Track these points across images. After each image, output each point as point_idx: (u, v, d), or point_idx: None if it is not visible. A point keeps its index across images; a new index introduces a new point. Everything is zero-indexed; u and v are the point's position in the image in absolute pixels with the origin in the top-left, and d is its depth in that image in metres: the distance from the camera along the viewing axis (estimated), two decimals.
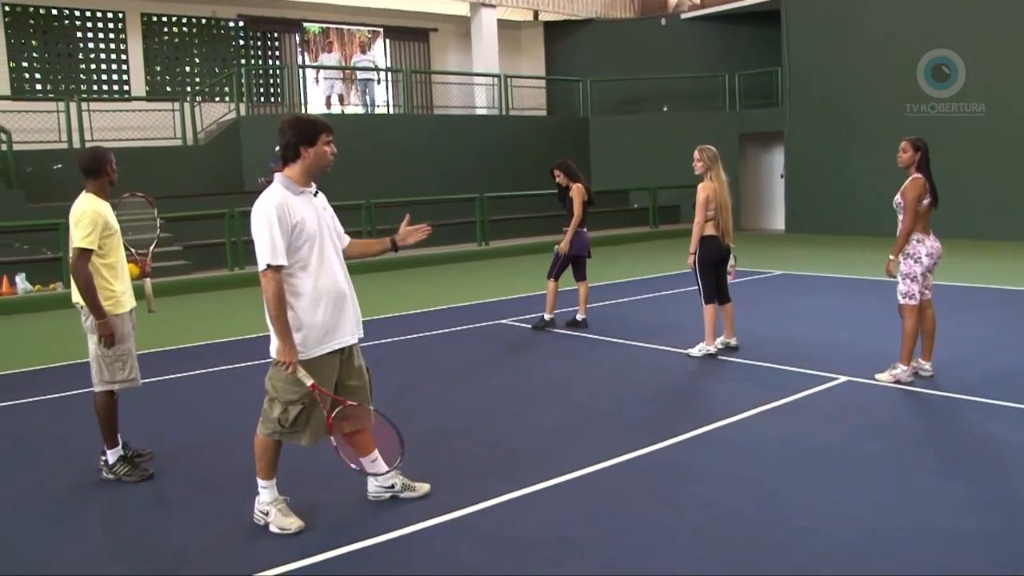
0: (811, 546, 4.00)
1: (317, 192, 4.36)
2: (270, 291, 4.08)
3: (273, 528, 4.33)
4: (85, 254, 4.99)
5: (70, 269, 5.06)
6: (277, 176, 4.27)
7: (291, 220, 4.11)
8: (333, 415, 4.25)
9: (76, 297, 5.15)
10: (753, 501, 4.56)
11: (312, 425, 4.32)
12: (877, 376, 6.84)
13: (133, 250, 5.72)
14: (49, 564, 4.12)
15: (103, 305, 5.07)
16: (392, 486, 4.70)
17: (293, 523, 4.33)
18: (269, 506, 4.38)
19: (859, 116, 19.18)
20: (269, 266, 4.08)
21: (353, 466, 4.45)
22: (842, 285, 12.24)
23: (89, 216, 5.01)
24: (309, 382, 4.17)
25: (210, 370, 8.10)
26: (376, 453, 4.64)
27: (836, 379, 6.94)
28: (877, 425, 5.81)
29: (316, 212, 4.27)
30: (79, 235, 4.98)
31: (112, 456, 5.21)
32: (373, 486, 4.71)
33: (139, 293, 5.50)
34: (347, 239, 4.57)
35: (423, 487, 4.77)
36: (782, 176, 21.52)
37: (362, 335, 4.51)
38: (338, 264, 4.37)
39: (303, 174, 4.26)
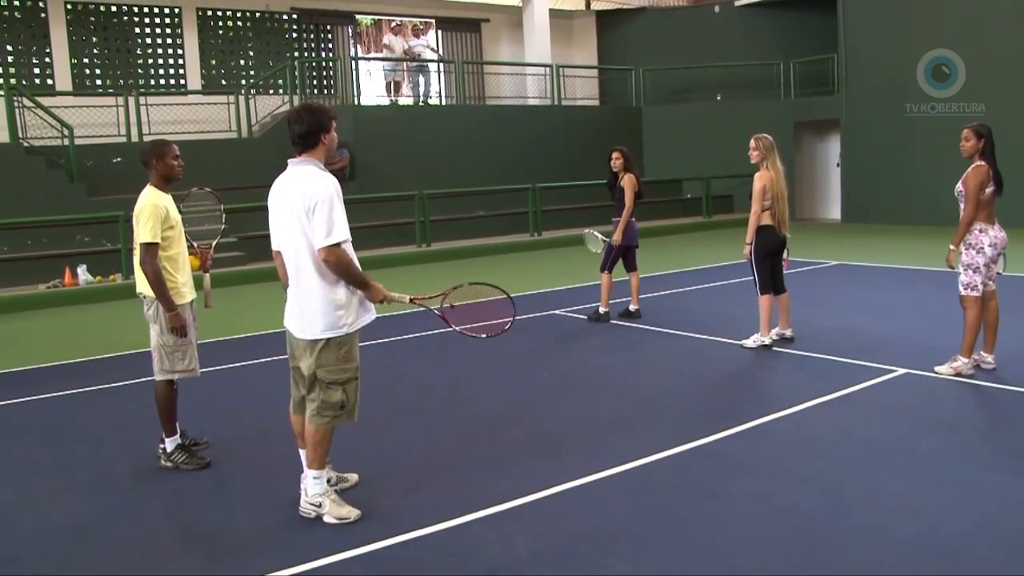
0: (871, 542, 3.93)
1: None
2: (344, 261, 4.19)
3: (330, 519, 4.35)
4: (152, 248, 5.06)
5: (139, 264, 5.12)
6: (308, 160, 4.30)
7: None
8: (443, 307, 4.63)
9: (140, 287, 5.26)
10: (810, 495, 4.49)
11: (359, 400, 4.46)
12: (937, 369, 6.70)
13: (196, 243, 5.76)
14: (116, 548, 4.21)
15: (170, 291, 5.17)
16: (329, 480, 4.60)
17: (351, 512, 4.37)
18: (322, 498, 4.41)
19: (918, 102, 18.74)
20: (339, 243, 4.16)
21: (473, 335, 4.76)
22: (901, 276, 12.01)
23: (148, 210, 5.07)
24: (408, 298, 4.49)
25: (265, 360, 8.19)
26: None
27: (894, 371, 6.81)
28: (937, 419, 5.69)
29: None
30: (143, 230, 5.05)
31: (170, 444, 5.30)
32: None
33: (198, 285, 5.58)
34: None
35: (352, 477, 4.82)
36: (838, 165, 21.16)
37: None
38: None
39: (324, 159, 4.36)
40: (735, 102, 22.68)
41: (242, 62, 20.51)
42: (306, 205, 4.15)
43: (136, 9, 19.09)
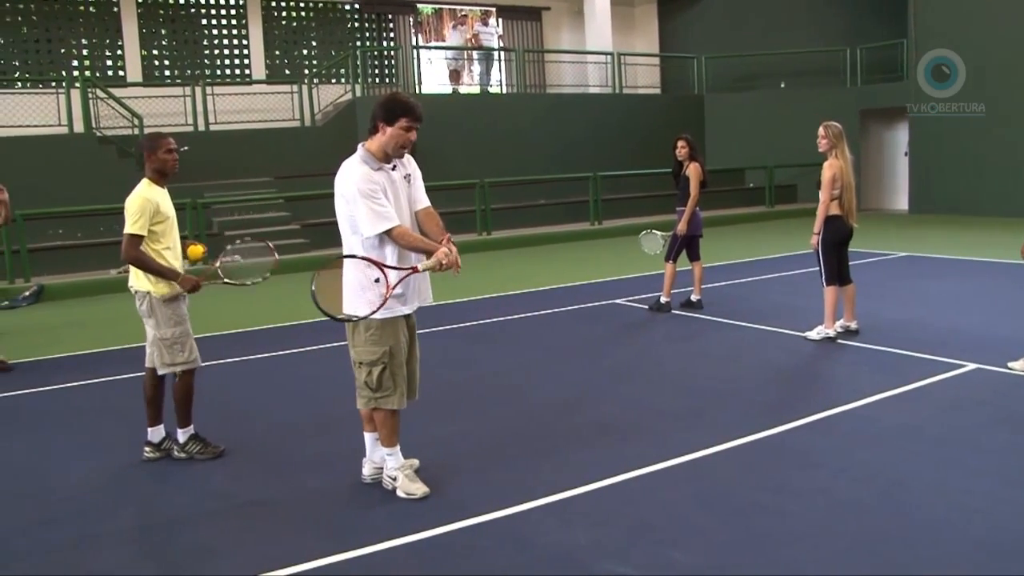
0: (939, 540, 3.85)
1: (396, 166, 4.45)
2: (403, 239, 4.26)
3: (400, 493, 4.50)
4: (134, 240, 5.03)
5: (122, 256, 5.10)
6: (361, 148, 4.39)
7: (377, 186, 4.28)
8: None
9: (131, 282, 5.24)
10: (875, 490, 4.41)
11: (399, 386, 4.48)
12: (1010, 364, 6.52)
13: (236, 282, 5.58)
14: (180, 524, 4.32)
15: (158, 284, 5.12)
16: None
17: (419, 488, 4.50)
18: (397, 471, 4.56)
19: (993, 88, 18.22)
20: (385, 231, 4.23)
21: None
22: (971, 268, 11.71)
23: (137, 203, 5.05)
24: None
25: (327, 346, 8.27)
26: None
27: (964, 366, 6.65)
28: (1010, 416, 5.54)
29: (393, 187, 4.39)
30: (128, 222, 5.04)
31: (183, 435, 5.31)
32: (372, 468, 4.76)
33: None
34: (424, 204, 4.58)
35: (413, 462, 4.74)
36: (906, 154, 20.67)
37: (430, 300, 4.67)
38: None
39: (380, 149, 4.37)
40: (799, 90, 22.29)
41: (305, 52, 20.75)
42: (338, 197, 4.34)
43: (203, 1, 19.43)
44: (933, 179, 19.51)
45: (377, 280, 4.27)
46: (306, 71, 20.11)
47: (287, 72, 20.26)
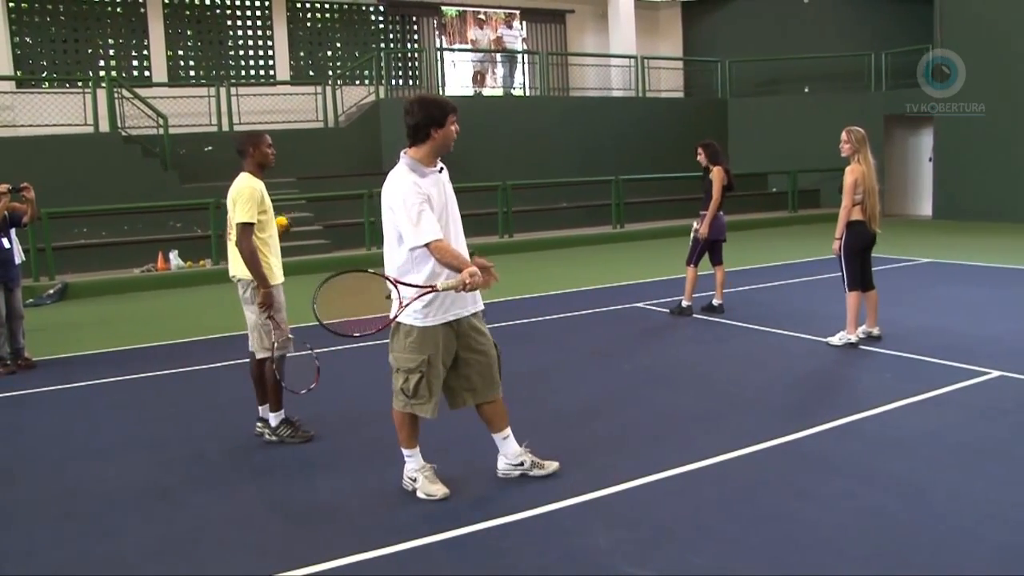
0: (964, 548, 3.82)
1: (442, 169, 4.45)
2: (439, 254, 4.16)
3: (420, 494, 4.52)
4: (248, 228, 5.32)
5: (235, 244, 5.35)
6: (403, 157, 4.34)
7: (422, 197, 4.21)
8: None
9: (233, 271, 5.51)
10: (899, 497, 4.38)
11: (434, 395, 4.45)
12: None
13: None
14: (207, 523, 4.36)
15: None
16: (521, 463, 4.74)
17: (439, 490, 4.51)
18: (416, 473, 4.57)
19: (1020, 95, 18.05)
20: (422, 245, 4.17)
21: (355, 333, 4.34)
22: (996, 275, 11.60)
23: (246, 193, 5.34)
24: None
25: (357, 346, 8.30)
26: (509, 430, 4.70)
27: (989, 373, 6.59)
28: None
29: (443, 190, 4.39)
30: (240, 211, 5.31)
31: (274, 419, 5.53)
32: (503, 463, 4.77)
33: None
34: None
35: (552, 465, 4.80)
36: (930, 159, 20.53)
37: (481, 307, 4.62)
38: (462, 238, 4.49)
39: (431, 155, 4.35)
40: (823, 94, 22.19)
41: (330, 53, 20.85)
42: (385, 208, 4.33)
43: (229, 3, 19.56)
44: (957, 185, 19.37)
45: (388, 296, 4.26)
46: (330, 72, 20.20)
47: (311, 73, 20.36)
